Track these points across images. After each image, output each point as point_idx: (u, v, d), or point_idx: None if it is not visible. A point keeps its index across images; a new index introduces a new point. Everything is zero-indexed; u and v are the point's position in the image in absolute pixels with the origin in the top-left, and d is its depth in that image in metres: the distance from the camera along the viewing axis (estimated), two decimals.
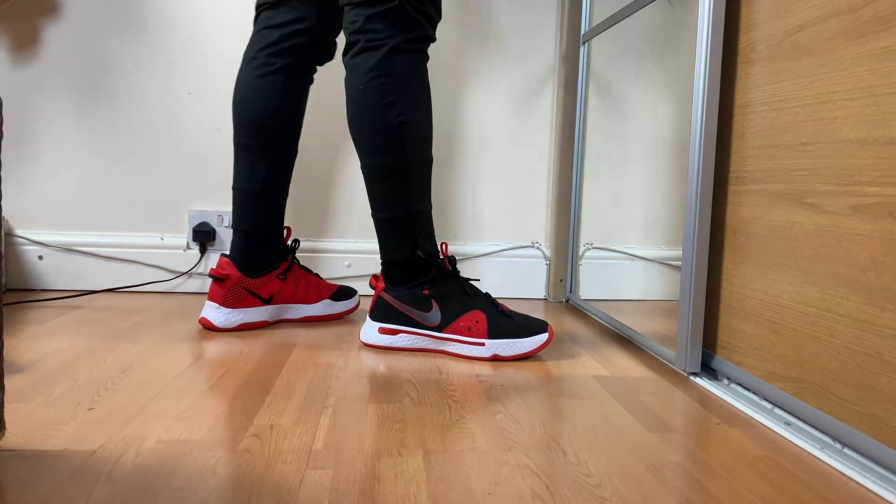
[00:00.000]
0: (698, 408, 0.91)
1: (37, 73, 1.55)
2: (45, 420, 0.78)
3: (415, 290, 1.13)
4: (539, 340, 1.10)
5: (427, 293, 1.12)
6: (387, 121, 1.09)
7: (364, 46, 1.09)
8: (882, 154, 0.73)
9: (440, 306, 1.12)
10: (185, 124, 1.59)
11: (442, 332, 1.12)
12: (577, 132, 1.62)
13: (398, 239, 1.14)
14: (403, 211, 1.12)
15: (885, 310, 0.72)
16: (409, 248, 1.13)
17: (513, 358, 1.10)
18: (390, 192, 1.12)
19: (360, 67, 1.10)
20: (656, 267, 1.23)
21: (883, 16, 0.73)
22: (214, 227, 1.60)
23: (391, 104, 1.09)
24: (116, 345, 1.11)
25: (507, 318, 1.12)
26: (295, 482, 0.65)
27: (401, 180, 1.12)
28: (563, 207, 1.67)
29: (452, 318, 1.11)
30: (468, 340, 1.10)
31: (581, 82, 1.61)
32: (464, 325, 1.11)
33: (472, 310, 1.11)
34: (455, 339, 1.11)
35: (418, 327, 1.13)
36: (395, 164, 1.11)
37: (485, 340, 1.10)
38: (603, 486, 0.67)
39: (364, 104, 1.10)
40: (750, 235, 0.97)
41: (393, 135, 1.10)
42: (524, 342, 1.10)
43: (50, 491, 0.61)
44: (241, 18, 1.59)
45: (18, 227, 1.57)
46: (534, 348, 1.10)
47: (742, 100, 1.00)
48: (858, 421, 0.75)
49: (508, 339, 1.10)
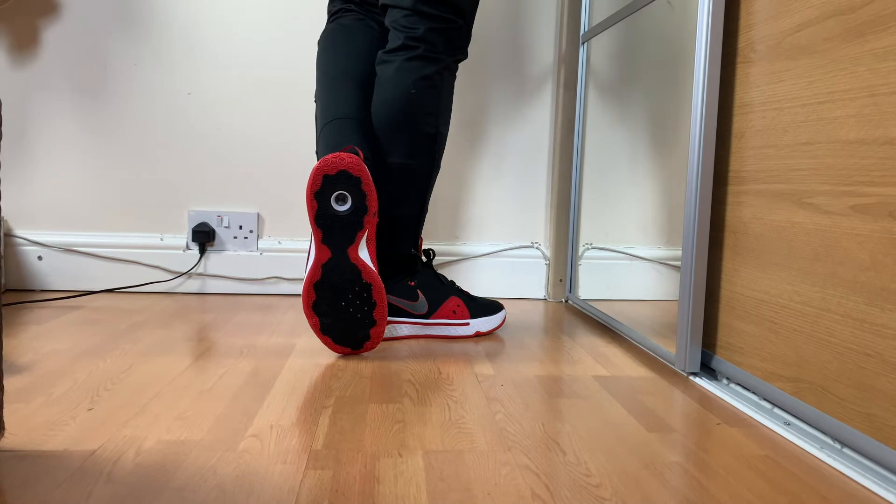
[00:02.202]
0: (698, 408, 0.91)
1: (36, 73, 1.55)
2: (45, 420, 0.78)
3: (402, 282, 1.22)
4: (502, 316, 1.29)
5: (413, 284, 1.22)
6: (427, 129, 1.19)
7: (422, 55, 1.16)
8: (882, 154, 0.73)
9: (425, 295, 1.22)
10: (185, 124, 1.59)
11: (430, 319, 1.23)
12: (576, 132, 1.62)
13: (404, 235, 1.22)
14: (416, 211, 1.22)
15: (885, 309, 0.72)
16: (408, 244, 1.23)
17: (489, 332, 1.27)
18: (410, 193, 1.21)
19: (415, 72, 1.16)
20: (656, 267, 1.23)
21: (882, 15, 0.73)
22: (214, 228, 1.60)
23: (434, 114, 1.19)
24: (116, 345, 1.11)
25: (476, 300, 1.28)
26: (295, 482, 0.65)
27: (422, 184, 1.21)
28: (563, 207, 1.66)
29: (437, 305, 1.23)
30: (455, 322, 1.23)
31: (581, 82, 1.61)
32: (448, 309, 1.23)
33: (451, 296, 1.25)
34: (443, 322, 1.23)
35: (409, 316, 1.22)
36: (423, 169, 1.20)
37: (469, 321, 1.24)
38: (603, 486, 0.67)
39: (411, 107, 1.17)
40: (749, 235, 0.97)
41: (429, 142, 1.20)
42: (494, 318, 1.27)
43: (49, 491, 0.61)
44: (241, 18, 1.59)
45: (18, 227, 1.57)
46: (500, 323, 1.29)
47: (741, 100, 1.00)
48: (858, 421, 0.75)
49: (484, 316, 1.26)
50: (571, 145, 1.64)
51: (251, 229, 1.62)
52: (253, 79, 1.60)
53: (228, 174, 1.61)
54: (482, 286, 1.68)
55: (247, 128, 1.61)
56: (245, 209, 1.62)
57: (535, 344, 1.22)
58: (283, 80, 1.61)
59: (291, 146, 1.62)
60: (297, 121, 1.62)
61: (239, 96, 1.60)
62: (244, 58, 1.59)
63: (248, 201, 1.63)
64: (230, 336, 1.20)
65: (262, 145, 1.61)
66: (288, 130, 1.62)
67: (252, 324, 1.30)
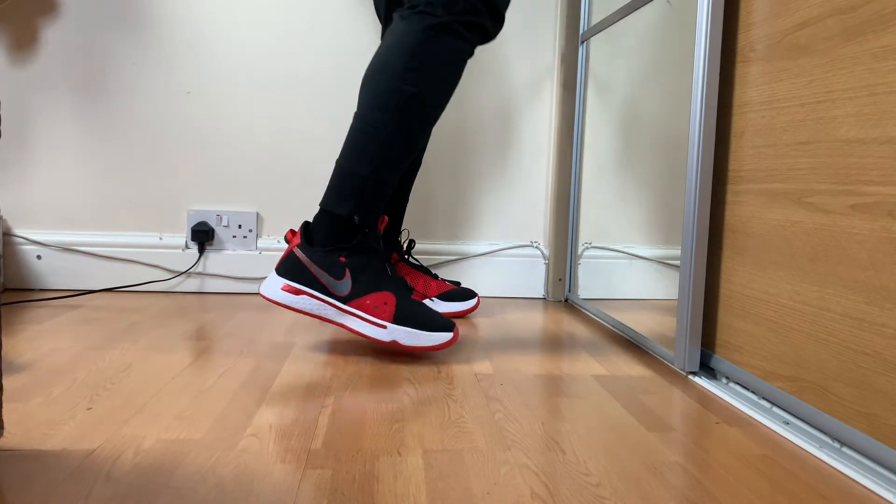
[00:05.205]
0: (697, 407, 0.91)
1: (35, 72, 1.55)
2: (44, 420, 0.78)
3: (332, 254, 1.07)
4: (442, 338, 1.06)
5: (343, 260, 1.07)
6: (401, 84, 1.06)
7: (422, 10, 1.06)
8: (881, 153, 0.73)
9: (353, 278, 1.06)
10: (184, 124, 1.59)
11: (346, 305, 1.06)
12: (575, 131, 1.62)
13: (344, 193, 1.08)
14: (365, 171, 1.07)
15: (884, 309, 0.72)
16: (349, 207, 1.07)
17: (411, 349, 1.06)
18: (366, 148, 1.07)
19: (414, 24, 1.07)
20: (655, 266, 1.23)
21: (882, 15, 0.73)
22: (213, 227, 1.60)
23: (415, 70, 1.06)
24: (115, 344, 1.11)
25: (417, 308, 1.07)
26: (294, 481, 0.65)
27: (380, 143, 1.07)
28: (562, 206, 1.67)
29: (361, 293, 1.06)
30: (370, 319, 1.05)
31: (580, 81, 1.61)
32: (371, 303, 1.06)
33: (384, 290, 1.06)
34: (357, 314, 1.05)
35: (324, 293, 1.06)
36: (384, 126, 1.07)
37: (387, 324, 1.05)
38: (602, 486, 0.67)
39: (391, 56, 1.07)
40: (749, 234, 0.97)
41: (400, 99, 1.06)
42: (427, 335, 1.06)
43: (49, 490, 0.61)
44: (241, 18, 1.59)
45: (17, 226, 1.57)
46: (434, 344, 1.06)
47: (741, 99, 1.00)
48: (857, 420, 0.75)
49: (412, 328, 1.05)
50: (570, 144, 1.64)
51: (250, 228, 1.62)
52: (253, 78, 1.60)
53: (228, 173, 1.61)
54: (482, 286, 1.68)
55: (246, 127, 1.61)
56: (244, 208, 1.62)
57: (534, 343, 1.22)
58: (283, 79, 1.60)
59: (291, 145, 1.62)
60: (297, 120, 1.62)
61: (239, 95, 1.60)
62: (244, 57, 1.59)
63: (247, 201, 1.62)
64: (229, 335, 1.20)
65: (261, 144, 1.61)
66: (287, 130, 1.62)
67: (251, 323, 1.30)
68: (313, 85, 1.61)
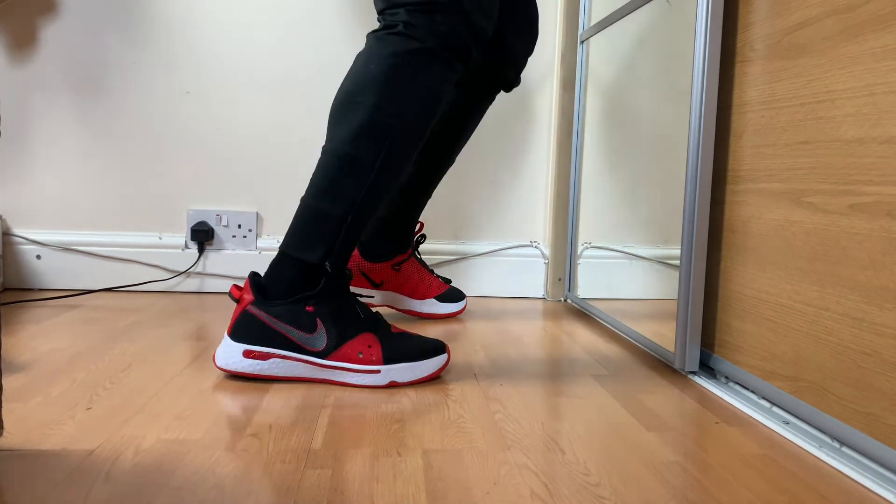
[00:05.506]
0: (697, 407, 0.91)
1: (35, 72, 1.55)
2: (44, 419, 0.78)
3: (297, 305, 0.94)
4: (438, 362, 0.99)
5: (311, 310, 0.94)
6: (375, 114, 0.96)
7: (399, 32, 0.98)
8: (880, 153, 0.73)
9: (325, 328, 0.95)
10: (184, 123, 1.59)
11: (326, 360, 0.95)
12: (575, 131, 1.62)
13: (314, 236, 0.96)
14: (341, 212, 0.96)
15: (884, 308, 0.72)
16: (320, 252, 0.96)
17: (412, 383, 0.97)
18: (338, 187, 0.97)
19: (385, 48, 0.98)
20: (655, 266, 1.23)
21: (881, 15, 0.73)
22: (213, 227, 1.60)
23: (393, 98, 0.97)
24: (115, 344, 1.11)
25: (402, 340, 0.98)
26: (293, 481, 0.65)
27: (359, 181, 0.97)
28: (562, 206, 1.67)
29: (340, 343, 0.95)
30: (360, 368, 0.95)
31: (579, 81, 1.61)
32: (354, 350, 0.95)
33: (363, 332, 0.96)
34: (343, 366, 0.95)
35: (298, 351, 0.94)
36: (366, 159, 0.97)
37: (380, 367, 0.95)
38: (602, 485, 0.67)
39: (366, 82, 0.97)
40: (748, 234, 0.97)
41: (376, 128, 0.97)
42: (423, 365, 0.98)
43: (48, 490, 0.61)
44: (240, 17, 1.59)
45: (16, 226, 1.57)
46: (433, 371, 0.99)
47: (740, 98, 1.00)
48: (857, 419, 0.75)
49: (406, 362, 0.97)
50: (570, 144, 1.64)
51: (250, 228, 1.62)
52: (252, 78, 1.60)
53: (227, 173, 1.61)
54: (481, 285, 1.68)
55: (246, 126, 1.61)
56: (244, 208, 1.62)
57: (533, 343, 1.22)
58: (283, 79, 1.60)
59: (291, 145, 1.62)
60: (297, 120, 1.62)
61: (238, 95, 1.60)
62: (244, 57, 1.59)
63: (246, 200, 1.62)
64: None
65: (261, 144, 1.61)
66: (287, 129, 1.62)
67: None
68: (313, 85, 1.61)
